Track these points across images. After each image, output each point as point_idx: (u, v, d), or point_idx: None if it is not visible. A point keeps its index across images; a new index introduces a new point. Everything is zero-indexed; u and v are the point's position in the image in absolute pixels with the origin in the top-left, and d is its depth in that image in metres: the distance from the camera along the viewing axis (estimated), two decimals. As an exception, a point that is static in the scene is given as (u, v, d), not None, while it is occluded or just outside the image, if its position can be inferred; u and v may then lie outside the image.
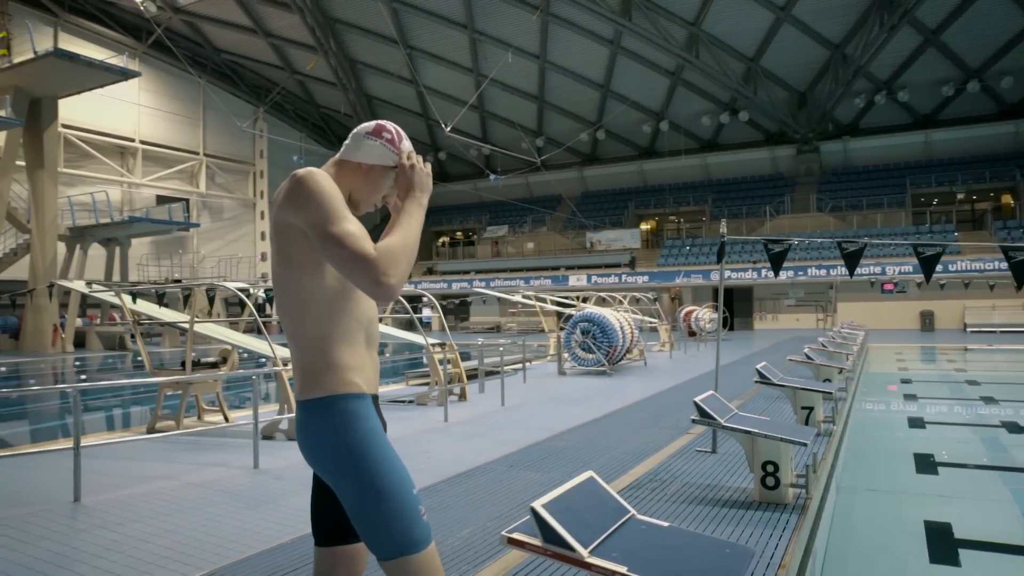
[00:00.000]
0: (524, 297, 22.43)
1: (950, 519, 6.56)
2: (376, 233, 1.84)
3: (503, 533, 2.28)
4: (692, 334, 24.73)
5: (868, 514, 7.13)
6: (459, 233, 47.94)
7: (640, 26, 31.14)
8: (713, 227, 36.35)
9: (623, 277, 34.77)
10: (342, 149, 2.00)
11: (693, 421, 4.82)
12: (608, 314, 15.00)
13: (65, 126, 32.00)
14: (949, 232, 30.39)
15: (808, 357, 9.38)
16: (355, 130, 2.02)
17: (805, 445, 4.41)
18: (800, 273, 30.75)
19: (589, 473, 2.67)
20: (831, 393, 6.87)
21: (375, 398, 1.92)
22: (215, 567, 3.62)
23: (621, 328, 14.98)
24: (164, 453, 6.99)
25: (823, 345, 11.90)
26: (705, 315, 25.25)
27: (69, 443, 5.44)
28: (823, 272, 29.98)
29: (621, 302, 20.96)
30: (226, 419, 8.69)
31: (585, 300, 22.13)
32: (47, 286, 19.55)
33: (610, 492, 2.59)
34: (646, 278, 34.06)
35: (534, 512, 2.23)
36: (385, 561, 1.80)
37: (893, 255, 29.22)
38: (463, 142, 38.00)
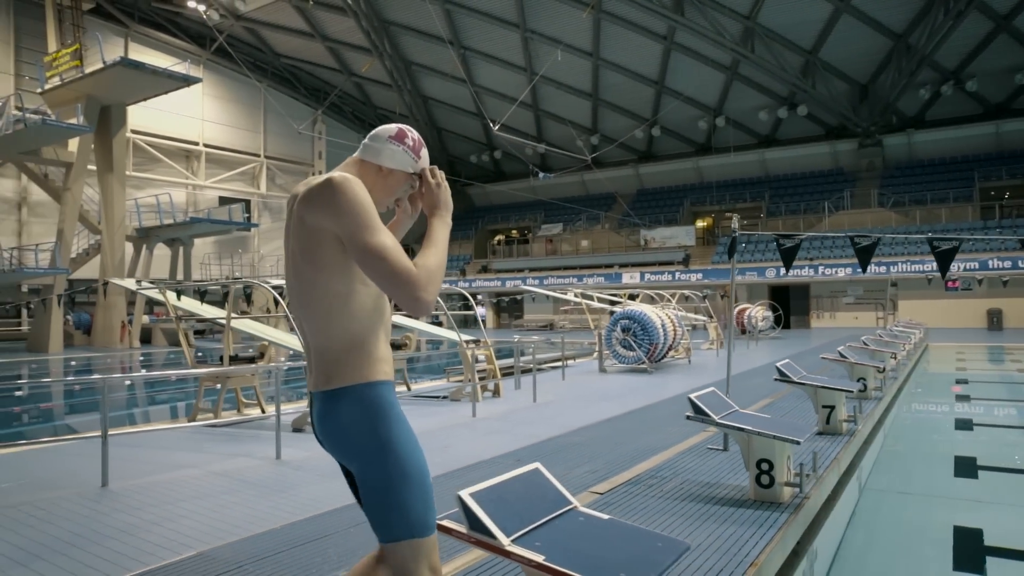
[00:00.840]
0: (568, 294, 22.45)
1: (982, 525, 6.35)
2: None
3: (439, 521, 2.37)
4: (746, 332, 24.30)
5: (895, 517, 6.95)
6: (514, 231, 48.15)
7: (693, 21, 30.67)
8: (771, 224, 35.51)
9: (676, 275, 34.33)
10: (362, 148, 2.06)
11: (688, 418, 4.80)
12: (649, 312, 14.89)
13: (134, 131, 33.56)
14: (1020, 227, 28.91)
15: (842, 355, 9.12)
16: (376, 131, 2.08)
17: (798, 443, 4.34)
18: (859, 270, 29.76)
19: (535, 465, 2.73)
20: (853, 392, 6.68)
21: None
22: (209, 547, 3.82)
23: (663, 326, 14.86)
24: (197, 443, 7.32)
25: (865, 344, 11.54)
26: (758, 313, 24.76)
27: (117, 431, 5.78)
28: (883, 269, 28.94)
29: (669, 300, 20.75)
30: (262, 411, 9.03)
31: (633, 298, 21.98)
32: (102, 284, 20.55)
33: (553, 484, 2.65)
34: (700, 276, 33.53)
35: (460, 500, 2.31)
36: (395, 542, 1.89)
37: (959, 251, 27.99)
38: (515, 141, 38.12)
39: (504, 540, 2.23)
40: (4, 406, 12.74)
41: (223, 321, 8.86)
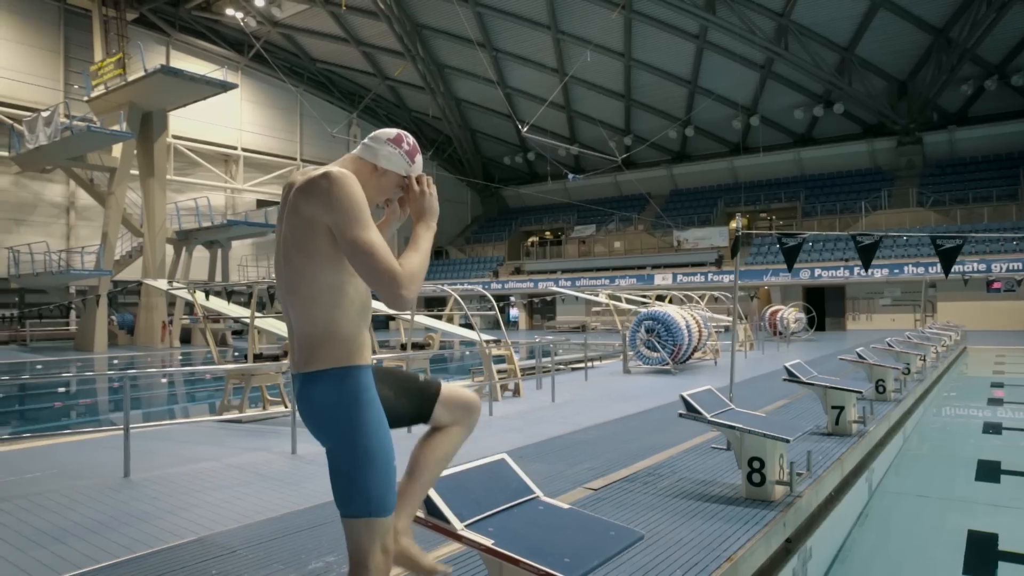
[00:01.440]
0: (599, 296, 22.47)
1: (998, 529, 6.28)
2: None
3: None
4: (778, 334, 24.02)
5: (908, 519, 6.90)
6: (548, 233, 48.23)
7: (725, 20, 30.42)
8: (806, 224, 34.98)
9: (709, 276, 34.05)
10: (360, 147, 2.18)
11: (680, 415, 4.86)
12: (673, 312, 14.86)
13: (175, 137, 34.50)
14: (1067, 226, 28.04)
15: (860, 357, 9.04)
16: (375, 133, 2.20)
17: (788, 441, 4.38)
18: (896, 271, 29.16)
19: (501, 456, 2.85)
20: (862, 393, 6.65)
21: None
22: (210, 533, 4.02)
23: (687, 327, 14.81)
24: (219, 438, 7.59)
25: (889, 346, 11.38)
26: (790, 315, 24.46)
27: (139, 425, 6.07)
28: (921, 270, 28.30)
29: (698, 301, 20.64)
30: (286, 406, 9.29)
31: (661, 299, 21.91)
32: (136, 284, 21.20)
33: (517, 474, 2.77)
34: (732, 277, 33.19)
35: (418, 486, 2.44)
36: (353, 518, 2.03)
37: (1001, 251, 27.23)
38: (545, 143, 38.21)
39: (457, 525, 2.36)
40: (43, 402, 13.30)
41: (247, 320, 9.15)
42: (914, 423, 10.14)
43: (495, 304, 13.11)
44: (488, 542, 2.28)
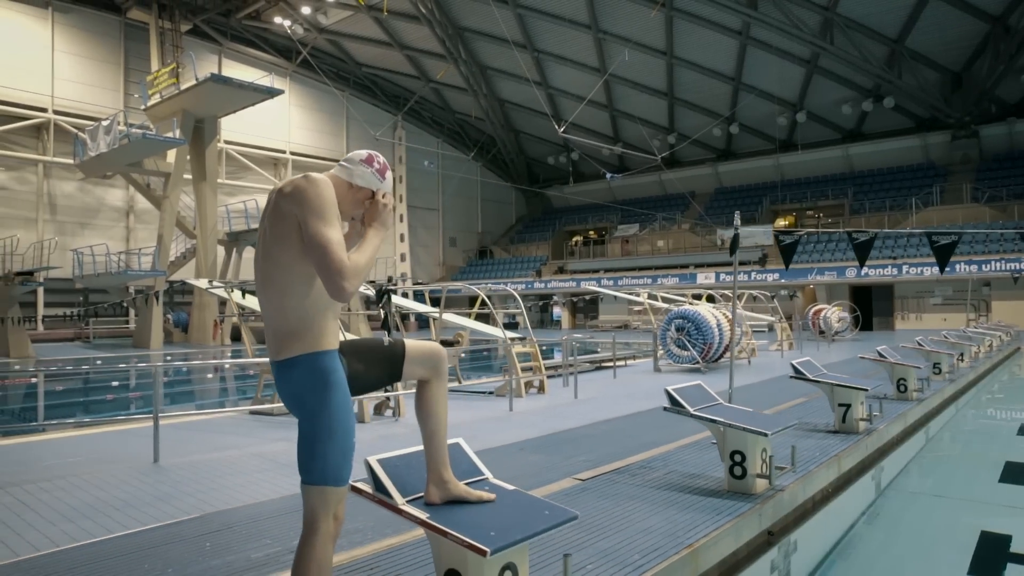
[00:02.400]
0: (637, 295, 22.48)
1: (1014, 531, 6.26)
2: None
3: (351, 483, 2.78)
4: (822, 333, 23.66)
5: (920, 518, 6.90)
6: (591, 232, 48.24)
7: (768, 15, 29.99)
8: (853, 221, 34.21)
9: (752, 275, 33.59)
10: (337, 168, 2.48)
11: (664, 409, 5.02)
12: (704, 311, 14.86)
13: (227, 142, 35.74)
14: None
15: (881, 355, 8.97)
16: (350, 155, 2.51)
17: (766, 435, 4.50)
18: (947, 269, 28.29)
19: (457, 440, 3.08)
20: (868, 390, 6.66)
21: (338, 350, 2.42)
22: (214, 511, 4.38)
23: (718, 325, 14.79)
24: (248, 429, 8.02)
25: (919, 344, 11.21)
26: (834, 314, 24.05)
27: (169, 415, 6.52)
28: (974, 268, 27.42)
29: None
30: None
31: (698, 298, 21.81)
32: (179, 283, 22.05)
33: (470, 457, 3.00)
34: (776, 276, 32.70)
35: (368, 465, 2.71)
36: (310, 485, 2.30)
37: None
38: (585, 144, 38.25)
39: (399, 500, 2.61)
40: (92, 394, 14.09)
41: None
42: (941, 423, 9.99)
43: (522, 305, 13.34)
44: (423, 516, 2.52)
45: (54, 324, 30.69)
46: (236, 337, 28.93)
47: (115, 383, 15.63)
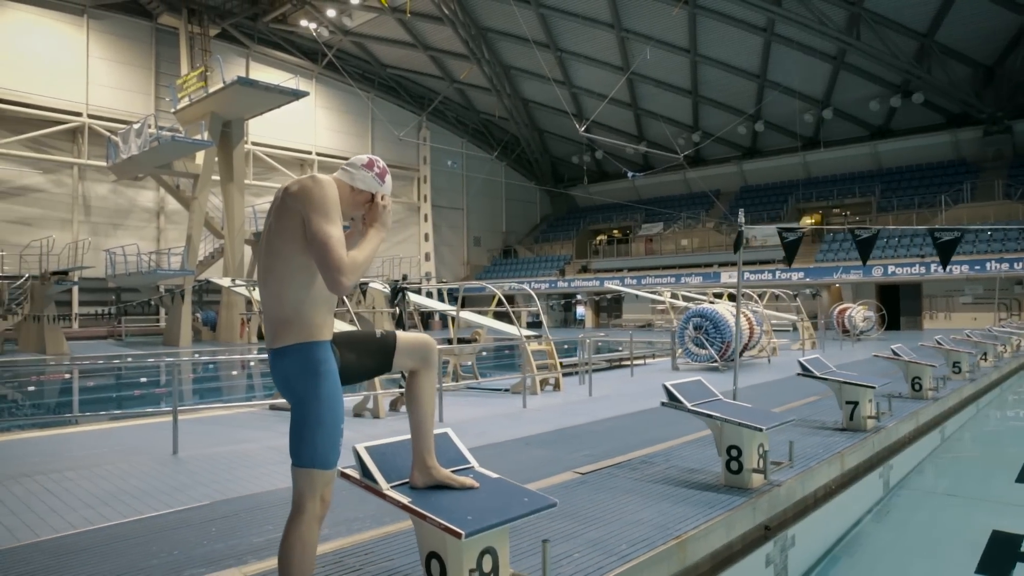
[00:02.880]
0: (659, 294, 22.46)
1: (1024, 531, 6.21)
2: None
3: (339, 467, 2.93)
4: (846, 332, 23.42)
5: (930, 517, 6.90)
6: (616, 231, 48.16)
7: (793, 11, 29.71)
8: (881, 219, 33.74)
9: (776, 273, 33.28)
10: (340, 172, 2.64)
11: (662, 404, 5.11)
12: (722, 310, 14.84)
13: (254, 143, 36.34)
14: None
15: (895, 354, 8.93)
16: (351, 160, 2.68)
17: (761, 430, 4.57)
18: (977, 267, 27.80)
19: (446, 430, 3.22)
20: (875, 387, 6.67)
21: (331, 341, 2.57)
22: (224, 499, 4.57)
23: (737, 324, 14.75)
24: (268, 424, 8.23)
25: (939, 343, 11.11)
26: (858, 313, 23.79)
27: (188, 408, 6.76)
28: (1005, 266, 26.89)
29: (756, 300, 20.39)
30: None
31: (719, 296, 21.73)
32: (204, 282, 22.47)
33: (457, 446, 3.13)
34: (801, 275, 32.37)
35: (355, 452, 2.85)
36: (299, 467, 2.46)
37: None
38: (607, 143, 38.20)
39: (384, 485, 2.75)
40: (119, 390, 14.50)
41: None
42: (960, 422, 9.90)
43: (539, 304, 13.45)
44: (405, 500, 2.66)
45: (88, 322, 31.48)
46: (262, 336, 29.43)
47: (143, 379, 16.05)
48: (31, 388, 15.69)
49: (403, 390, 8.89)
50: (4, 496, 4.85)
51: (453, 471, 2.94)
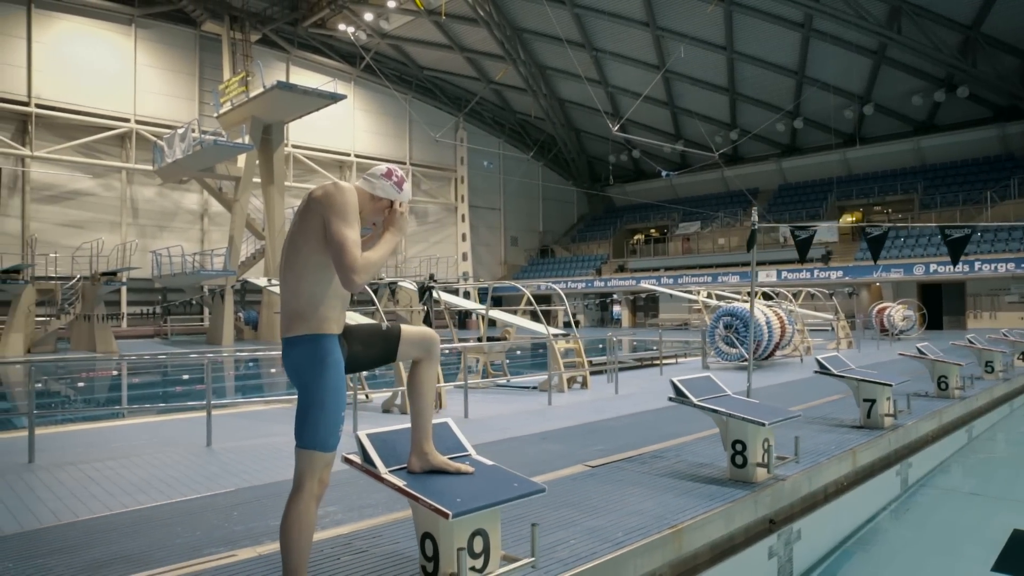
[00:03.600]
0: (693, 293, 22.38)
1: (1048, 531, 6.18)
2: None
3: (343, 454, 3.14)
4: (885, 332, 23.05)
5: (951, 515, 6.88)
6: (653, 231, 47.94)
7: (831, 6, 29.24)
8: (923, 216, 32.98)
9: (815, 272, 32.79)
10: (361, 181, 2.91)
11: (669, 399, 5.23)
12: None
13: (294, 146, 37.14)
14: None
15: (920, 352, 8.86)
16: (371, 170, 2.93)
17: (763, 425, 4.66)
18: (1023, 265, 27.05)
19: (446, 420, 3.41)
20: (892, 385, 6.67)
21: (340, 335, 2.80)
22: (246, 487, 4.84)
23: (767, 323, 14.70)
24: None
25: (971, 342, 10.94)
26: (897, 313, 23.37)
27: (222, 402, 7.09)
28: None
29: (790, 299, 20.20)
30: (366, 397, 10.20)
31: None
32: (243, 282, 23.07)
33: (456, 435, 3.32)
34: (840, 273, 31.83)
35: (357, 439, 3.06)
36: (301, 448, 2.70)
37: None
38: (640, 141, 38.06)
39: (383, 469, 2.96)
40: (163, 387, 15.06)
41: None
42: (990, 422, 9.76)
43: (566, 303, 13.59)
44: (401, 483, 2.86)
45: (136, 322, 32.58)
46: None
47: (185, 376, 16.63)
48: (80, 384, 16.40)
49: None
50: (51, 482, 5.21)
51: (450, 458, 3.13)
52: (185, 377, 16.52)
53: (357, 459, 3.05)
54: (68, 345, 24.43)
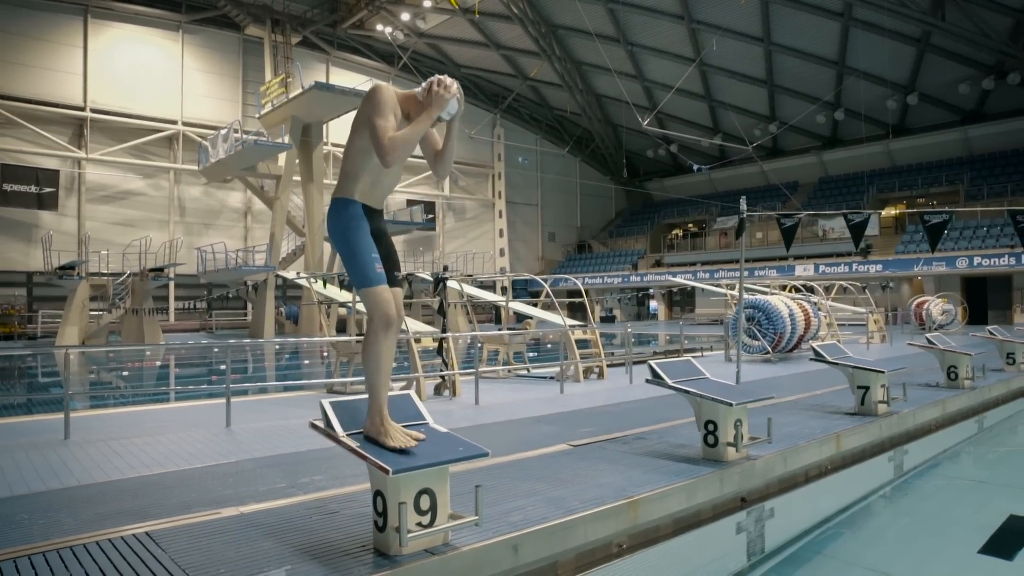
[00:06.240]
0: (721, 287, 22.33)
1: (1047, 517, 6.24)
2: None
3: (310, 420, 3.49)
4: (923, 326, 22.63)
5: (947, 500, 6.96)
6: (691, 225, 47.60)
7: (870, -7, 28.71)
8: (969, 208, 32.06)
9: (854, 266, 32.23)
10: (415, 90, 3.45)
11: (647, 381, 5.45)
12: (775, 301, 14.78)
13: (334, 144, 37.96)
14: None
15: (930, 343, 8.86)
16: (424, 83, 3.45)
17: (730, 405, 4.86)
18: (1075, 257, 26.19)
19: (408, 392, 3.73)
20: (884, 372, 6.75)
21: (379, 211, 3.52)
22: (257, 457, 5.25)
23: (791, 315, 14.67)
24: (318, 405, 8.98)
25: (991, 334, 10.82)
26: (936, 307, 22.91)
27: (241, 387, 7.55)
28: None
29: (821, 292, 20.03)
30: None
31: (784, 288, 21.44)
32: (280, 278, 23.79)
33: (417, 406, 3.63)
34: (879, 267, 31.23)
35: (320, 405, 3.40)
36: (358, 291, 3.34)
37: None
38: (682, 137, 37.84)
39: (341, 433, 3.29)
40: (196, 374, 15.76)
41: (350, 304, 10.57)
42: (1006, 412, 9.67)
43: (585, 298, 13.82)
44: (355, 444, 3.19)
45: (182, 316, 33.84)
46: (341, 329, 30.85)
47: (222, 366, 17.32)
48: (125, 372, 17.27)
49: (443, 373, 9.51)
50: (80, 455, 5.70)
51: (407, 426, 3.45)
52: (222, 367, 17.23)
53: (319, 423, 3.39)
54: (119, 338, 25.54)
